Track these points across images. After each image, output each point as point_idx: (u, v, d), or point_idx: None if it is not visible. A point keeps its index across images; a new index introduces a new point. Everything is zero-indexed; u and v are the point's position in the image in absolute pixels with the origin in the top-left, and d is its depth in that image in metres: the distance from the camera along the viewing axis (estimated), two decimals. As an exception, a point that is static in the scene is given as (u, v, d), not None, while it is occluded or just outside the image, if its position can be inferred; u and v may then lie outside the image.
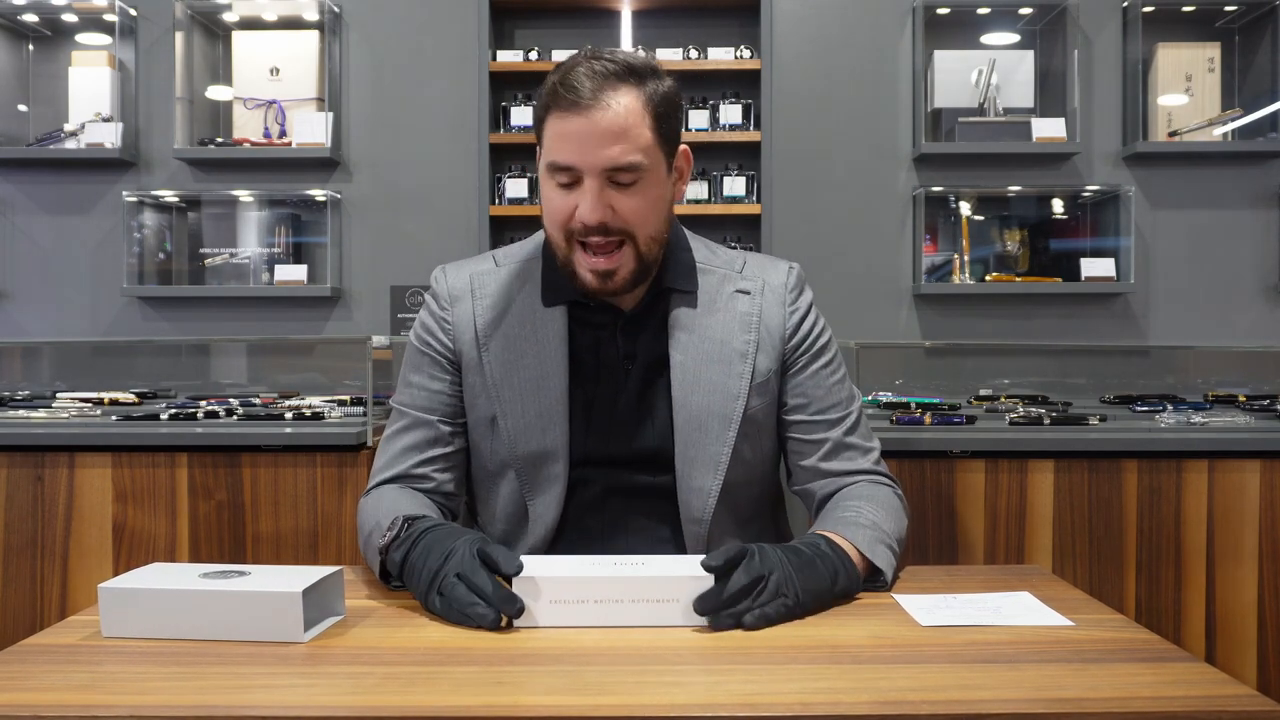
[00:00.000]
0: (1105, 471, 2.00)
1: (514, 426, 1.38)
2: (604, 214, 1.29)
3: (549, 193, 1.33)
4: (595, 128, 1.26)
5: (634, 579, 1.07)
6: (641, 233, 1.32)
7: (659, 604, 1.07)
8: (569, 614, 1.07)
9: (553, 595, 1.07)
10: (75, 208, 3.12)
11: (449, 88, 3.09)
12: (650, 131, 1.30)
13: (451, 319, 1.43)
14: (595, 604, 1.07)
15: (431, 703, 0.86)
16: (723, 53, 3.03)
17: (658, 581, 1.07)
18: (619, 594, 1.07)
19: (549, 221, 1.35)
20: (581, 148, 1.27)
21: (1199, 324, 3.04)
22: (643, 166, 1.29)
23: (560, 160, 1.29)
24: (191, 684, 0.91)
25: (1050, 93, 3.08)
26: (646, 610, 1.07)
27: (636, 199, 1.30)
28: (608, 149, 1.27)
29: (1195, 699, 0.86)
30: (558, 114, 1.29)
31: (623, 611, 1.07)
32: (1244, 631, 2.00)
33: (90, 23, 3.13)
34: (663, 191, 1.35)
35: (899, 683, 0.90)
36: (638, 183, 1.30)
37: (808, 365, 1.44)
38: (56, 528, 2.09)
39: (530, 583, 1.07)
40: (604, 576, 1.07)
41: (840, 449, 1.42)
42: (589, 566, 1.10)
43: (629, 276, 1.33)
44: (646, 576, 1.07)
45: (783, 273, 1.47)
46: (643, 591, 1.07)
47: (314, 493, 2.09)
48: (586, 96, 1.26)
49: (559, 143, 1.29)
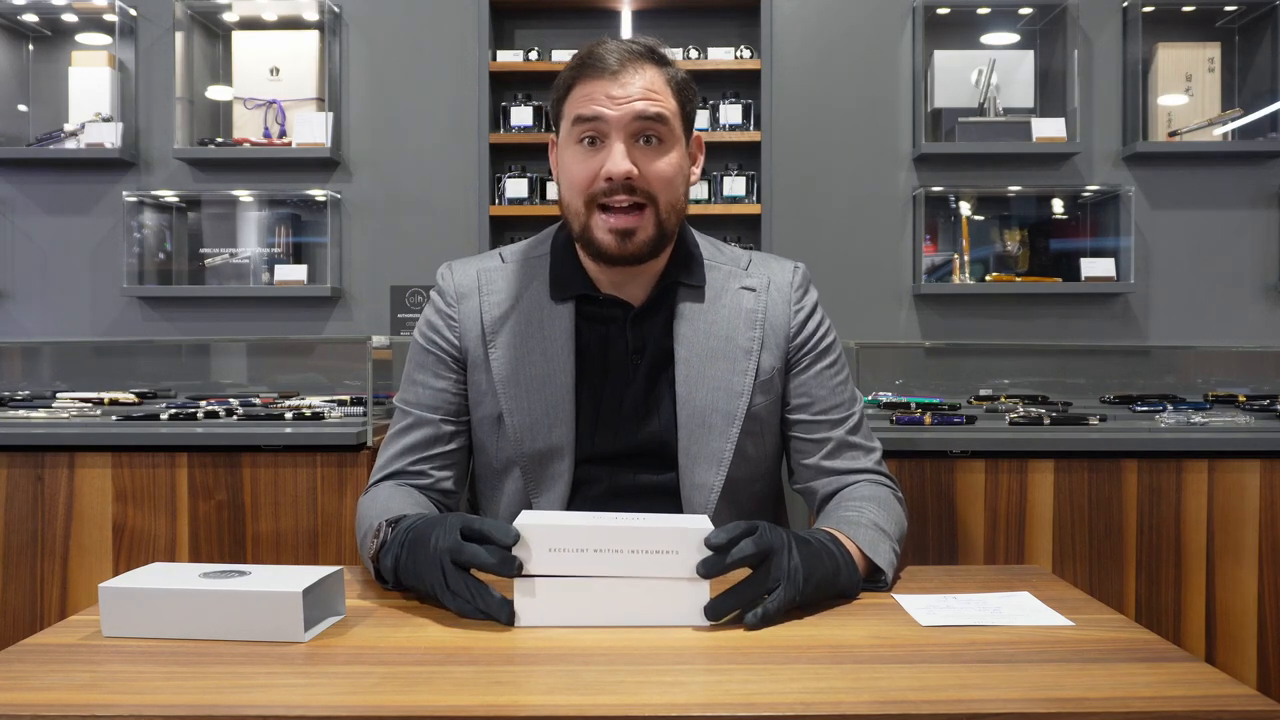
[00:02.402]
0: (1105, 471, 2.00)
1: (520, 424, 1.38)
2: (630, 168, 1.30)
3: (570, 158, 1.34)
4: (624, 86, 1.31)
5: (636, 529, 1.06)
6: (663, 197, 1.34)
7: (659, 555, 1.05)
8: (567, 563, 1.06)
9: (552, 543, 1.05)
10: (75, 208, 3.12)
11: (449, 88, 3.09)
12: (674, 101, 1.35)
13: (458, 316, 1.43)
14: (595, 553, 1.05)
15: (431, 702, 0.86)
16: (723, 53, 3.03)
17: (660, 533, 1.05)
18: (619, 544, 1.05)
19: (569, 189, 1.35)
20: (610, 101, 1.31)
21: (1199, 324, 3.04)
22: (668, 121, 1.33)
23: (588, 111, 1.31)
24: (192, 684, 0.91)
25: (1050, 93, 3.08)
26: (647, 561, 1.05)
27: (661, 161, 1.33)
28: (635, 103, 1.31)
29: (1195, 699, 0.86)
30: (585, 81, 1.33)
31: (622, 562, 1.05)
32: (1244, 631, 2.00)
33: (90, 23, 3.13)
34: (683, 163, 1.38)
35: (899, 683, 0.90)
36: (664, 142, 1.33)
37: (812, 365, 1.44)
38: (56, 528, 2.09)
39: (530, 530, 1.05)
40: (605, 525, 1.06)
41: (843, 448, 1.42)
42: (590, 518, 1.09)
43: (648, 240, 1.34)
44: (649, 527, 1.06)
45: (788, 271, 1.47)
46: (644, 542, 1.05)
47: (314, 493, 2.09)
48: (614, 65, 1.32)
49: (585, 101, 1.32)
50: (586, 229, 1.34)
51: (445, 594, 1.10)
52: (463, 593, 1.08)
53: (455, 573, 1.09)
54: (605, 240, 1.33)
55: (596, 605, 1.07)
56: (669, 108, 1.34)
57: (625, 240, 1.32)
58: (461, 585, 1.08)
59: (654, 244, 1.34)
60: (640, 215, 1.32)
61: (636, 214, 1.32)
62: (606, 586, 1.07)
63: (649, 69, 1.33)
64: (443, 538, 1.10)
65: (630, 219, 1.32)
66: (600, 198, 1.32)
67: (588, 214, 1.33)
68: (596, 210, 1.33)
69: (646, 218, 1.33)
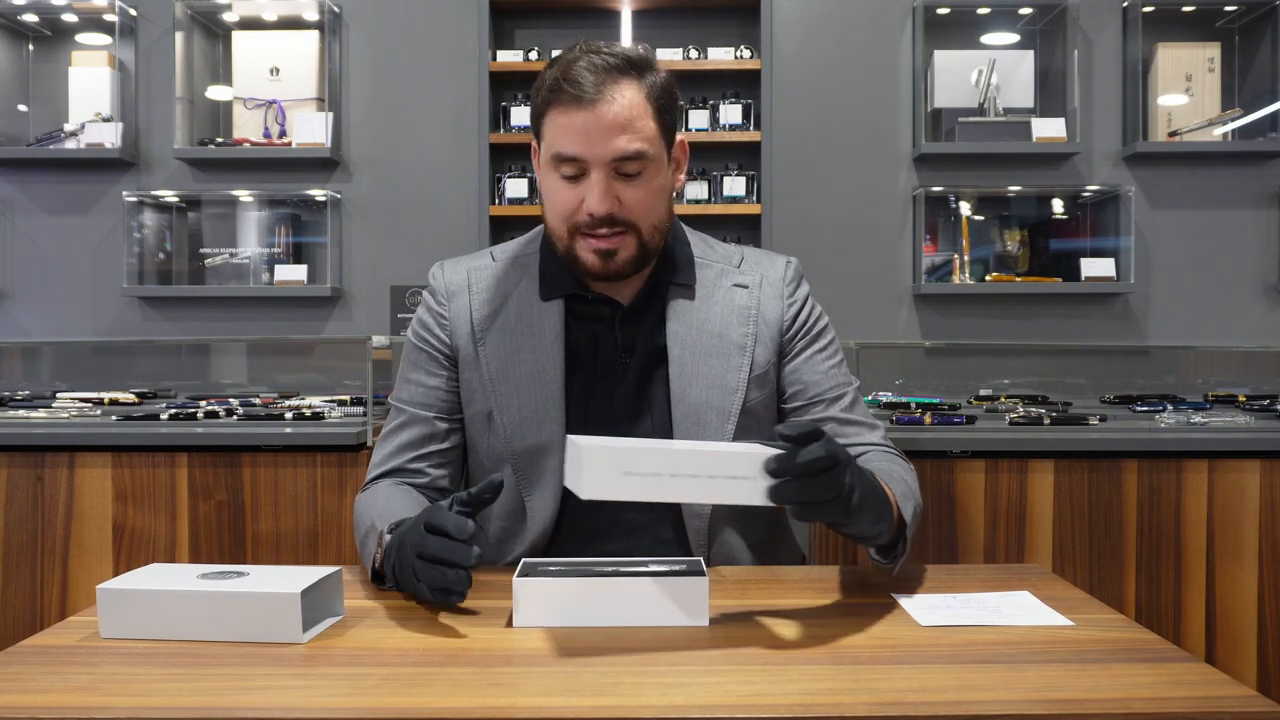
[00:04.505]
0: (1105, 471, 2.00)
1: (510, 421, 1.38)
2: (611, 205, 1.30)
3: (552, 185, 1.34)
4: (601, 120, 1.28)
5: (712, 452, 1.02)
6: (645, 223, 1.33)
7: (735, 481, 1.01)
8: (641, 487, 1.01)
9: (627, 467, 1.00)
10: (75, 208, 3.12)
11: (449, 88, 3.08)
12: (653, 122, 1.32)
13: (448, 314, 1.43)
14: (670, 478, 1.01)
15: (430, 703, 0.86)
16: (723, 53, 3.03)
17: (735, 456, 1.02)
18: (695, 468, 1.01)
19: (552, 214, 1.35)
20: (588, 139, 1.28)
21: (1199, 324, 3.04)
22: (648, 155, 1.31)
23: (566, 151, 1.29)
24: (190, 685, 0.91)
25: (1050, 93, 3.08)
26: (721, 486, 1.01)
27: (641, 190, 1.32)
28: (614, 140, 1.28)
29: (1195, 699, 0.86)
30: (560, 108, 1.30)
31: (696, 487, 1.01)
32: (1244, 631, 2.00)
33: (90, 23, 3.13)
34: (665, 181, 1.37)
35: (899, 683, 0.90)
36: (643, 173, 1.32)
37: (804, 349, 1.44)
38: (56, 528, 2.09)
39: (606, 450, 1.00)
40: (680, 449, 1.02)
41: (846, 425, 1.42)
42: (660, 443, 1.07)
43: (630, 259, 1.34)
44: (725, 451, 1.03)
45: (780, 266, 1.47)
46: (720, 467, 1.01)
47: (314, 493, 2.09)
48: (590, 91, 1.28)
49: (564, 135, 1.30)
50: (570, 250, 1.35)
51: (418, 587, 1.11)
52: (428, 577, 1.08)
53: (421, 565, 1.09)
54: (589, 260, 1.34)
55: (596, 605, 1.07)
56: (648, 134, 1.31)
57: (608, 260, 1.33)
58: (428, 572, 1.08)
59: (636, 263, 1.35)
60: (622, 238, 1.33)
61: (619, 237, 1.33)
62: (606, 587, 1.07)
63: (627, 87, 1.30)
64: (412, 537, 1.12)
65: (612, 241, 1.32)
66: (584, 228, 1.32)
67: (570, 240, 1.34)
68: (580, 236, 1.33)
69: (628, 240, 1.33)
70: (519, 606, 1.07)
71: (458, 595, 1.08)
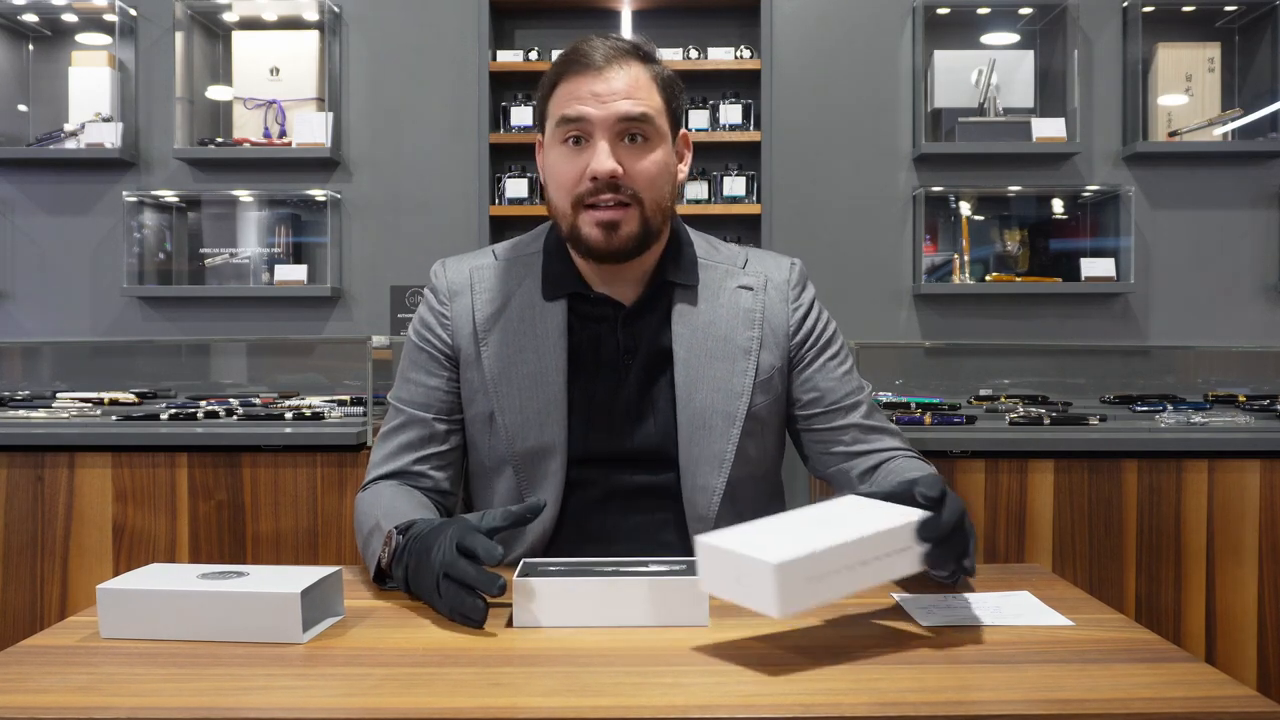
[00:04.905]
0: (1105, 471, 2.00)
1: (512, 422, 1.38)
2: (615, 167, 1.30)
3: (556, 158, 1.35)
4: (608, 84, 1.31)
5: (874, 535, 0.99)
6: (649, 195, 1.34)
7: (896, 555, 1.00)
8: (827, 589, 0.96)
9: (810, 573, 0.94)
10: (75, 208, 3.12)
11: (449, 88, 3.08)
12: (659, 98, 1.35)
13: (450, 314, 1.43)
14: (847, 571, 0.96)
15: (430, 704, 0.86)
16: (723, 53, 3.03)
17: (896, 533, 1.00)
18: (864, 554, 0.98)
19: (556, 190, 1.36)
20: (595, 99, 1.31)
21: (1199, 324, 3.04)
22: (653, 121, 1.33)
23: (572, 112, 1.31)
24: (190, 685, 0.91)
25: (1050, 93, 3.08)
26: (887, 566, 0.99)
27: (646, 160, 1.33)
28: (620, 101, 1.31)
29: (1195, 699, 0.86)
30: (569, 78, 1.33)
31: (868, 573, 0.98)
32: (1244, 631, 2.00)
33: (90, 23, 3.13)
34: (669, 161, 1.37)
35: (899, 683, 0.90)
36: (648, 140, 1.33)
37: (815, 359, 1.44)
38: (56, 528, 2.09)
39: (795, 566, 0.93)
40: (848, 540, 0.96)
41: (869, 432, 1.43)
42: (822, 536, 0.97)
43: (633, 234, 1.34)
44: (886, 530, 1.00)
45: (785, 268, 1.47)
46: (884, 546, 0.99)
47: (314, 493, 2.09)
48: (599, 61, 1.32)
49: (571, 100, 1.32)
50: (574, 227, 1.34)
51: (436, 600, 1.10)
52: (451, 600, 1.08)
53: (446, 584, 1.09)
54: (592, 234, 1.33)
55: (596, 606, 1.06)
56: (654, 105, 1.34)
57: (611, 233, 1.32)
58: (452, 594, 1.08)
59: (639, 240, 1.34)
60: (625, 210, 1.33)
61: (622, 209, 1.33)
62: (606, 586, 1.07)
63: (634, 66, 1.33)
64: (441, 552, 1.10)
65: (616, 213, 1.32)
66: (586, 198, 1.32)
67: (574, 214, 1.34)
68: (583, 209, 1.33)
69: (631, 214, 1.33)
70: (519, 606, 1.07)
71: (475, 624, 1.07)
